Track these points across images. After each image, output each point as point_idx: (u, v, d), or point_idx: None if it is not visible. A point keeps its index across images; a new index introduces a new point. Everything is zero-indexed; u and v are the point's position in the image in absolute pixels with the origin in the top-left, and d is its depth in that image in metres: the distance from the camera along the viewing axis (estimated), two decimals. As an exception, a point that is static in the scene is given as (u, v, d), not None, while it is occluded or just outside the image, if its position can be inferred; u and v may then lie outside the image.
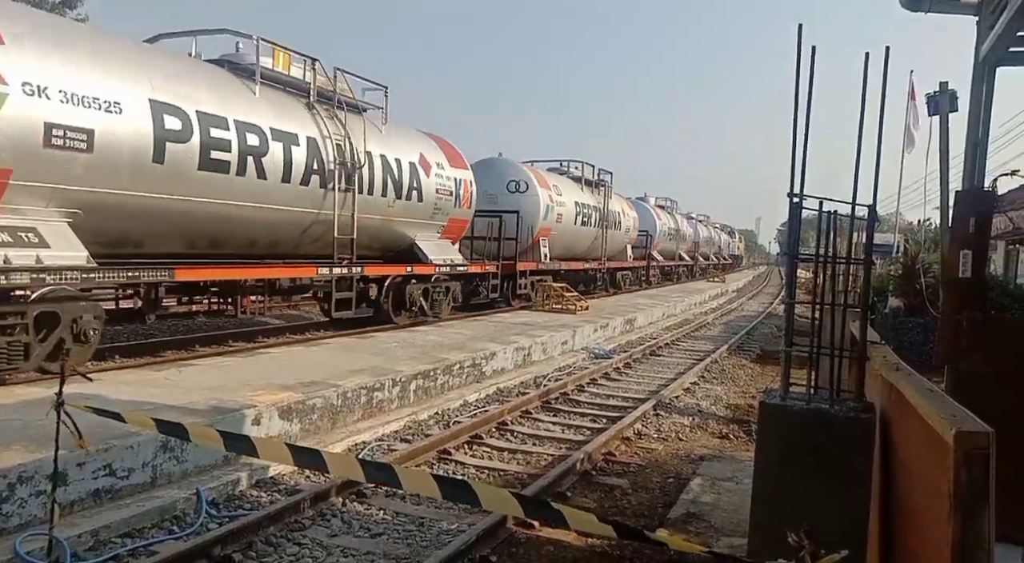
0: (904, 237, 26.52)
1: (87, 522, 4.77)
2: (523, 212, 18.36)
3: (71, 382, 6.75)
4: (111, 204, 8.09)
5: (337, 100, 11.74)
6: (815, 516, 2.91)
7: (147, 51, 9.29)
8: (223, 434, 3.08)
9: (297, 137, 10.57)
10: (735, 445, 8.34)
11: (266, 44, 10.59)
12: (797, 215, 3.65)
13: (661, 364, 13.75)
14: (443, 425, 8.28)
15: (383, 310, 13.24)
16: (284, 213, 10.52)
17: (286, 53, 10.92)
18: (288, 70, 11.00)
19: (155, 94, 8.47)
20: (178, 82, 8.93)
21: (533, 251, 19.08)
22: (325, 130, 11.24)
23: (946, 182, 6.99)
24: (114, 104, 7.95)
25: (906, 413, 2.68)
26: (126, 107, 8.08)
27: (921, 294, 13.31)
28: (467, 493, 2.55)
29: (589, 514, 2.31)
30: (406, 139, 13.80)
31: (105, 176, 7.92)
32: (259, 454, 3.00)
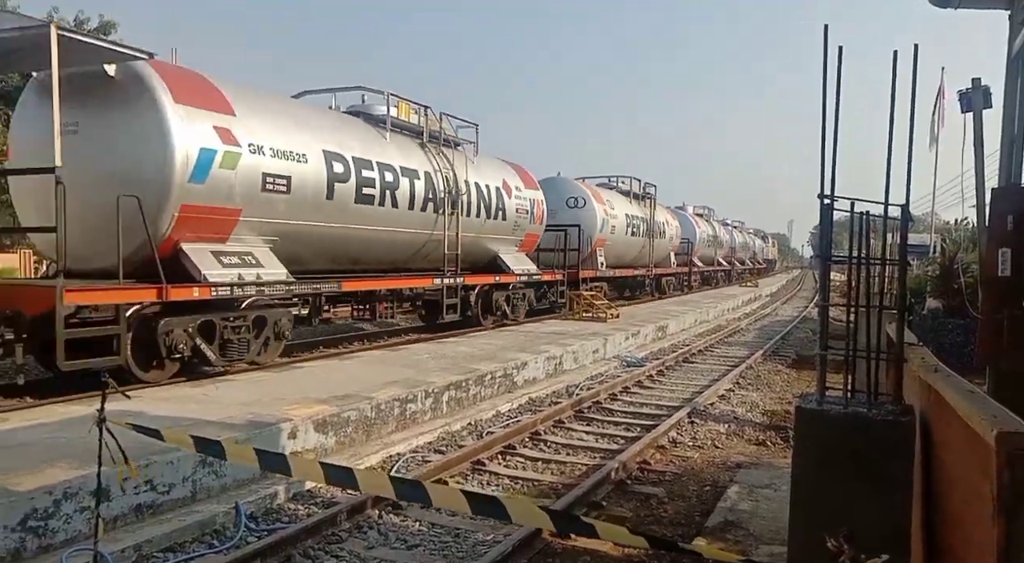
0: (941, 237, 26.01)
1: (130, 537, 4.86)
2: (583, 225, 20.35)
3: (112, 399, 6.89)
4: (298, 233, 10.47)
5: (443, 139, 14.25)
6: (855, 521, 2.87)
7: (315, 111, 11.97)
8: (259, 453, 3.12)
9: (417, 172, 13.03)
10: (772, 452, 8.23)
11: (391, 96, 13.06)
12: (828, 217, 3.61)
13: (695, 371, 13.63)
14: (476, 436, 8.29)
15: (474, 314, 15.26)
16: (409, 234, 12.98)
17: (406, 102, 13.38)
18: (408, 117, 13.42)
19: (326, 145, 10.91)
20: (339, 134, 11.47)
21: (591, 260, 21.16)
22: (436, 165, 13.69)
23: (982, 180, 6.87)
24: (302, 155, 10.34)
25: (946, 415, 2.63)
26: (309, 157, 10.50)
27: (960, 294, 13.04)
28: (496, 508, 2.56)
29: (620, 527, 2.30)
30: (491, 167, 16.24)
31: (296, 211, 10.30)
32: (292, 473, 3.04)
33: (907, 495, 3.07)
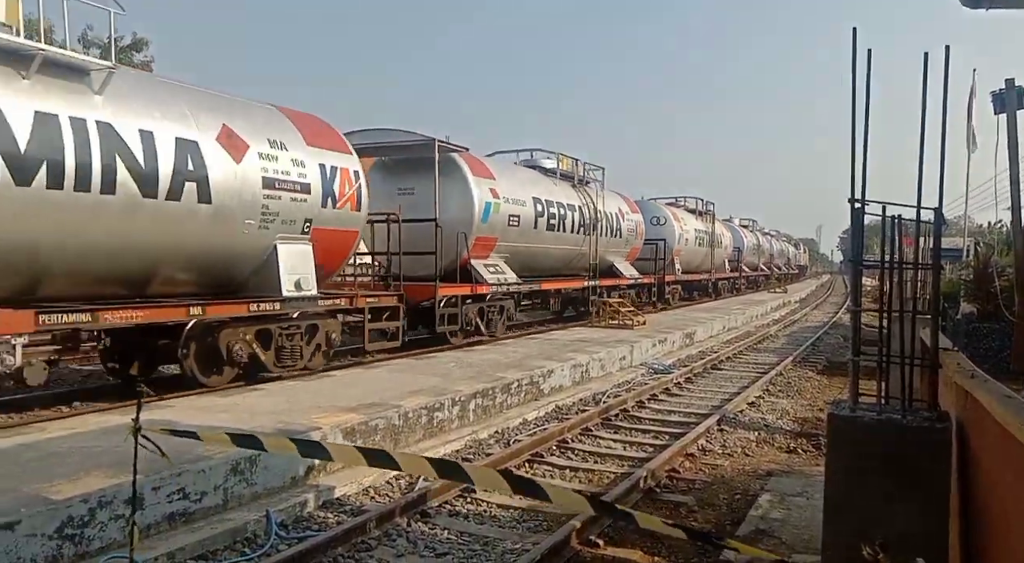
0: (974, 240, 25.54)
1: (163, 545, 4.92)
2: (666, 240, 25.89)
3: (144, 408, 6.99)
4: (519, 251, 16.19)
5: (586, 181, 20.10)
6: (890, 530, 2.82)
7: (522, 168, 18.08)
8: (296, 441, 3.15)
9: (574, 206, 18.62)
10: (804, 460, 8.11)
11: (553, 153, 19.30)
12: (860, 221, 3.57)
13: (723, 378, 13.50)
14: (503, 444, 8.28)
15: (597, 308, 19.43)
16: (568, 250, 18.60)
17: (565, 156, 19.35)
18: (566, 166, 19.27)
19: (534, 193, 16.76)
20: (534, 185, 17.21)
21: (671, 267, 26.56)
22: (582, 200, 19.17)
23: (1017, 181, 6.74)
24: (522, 201, 16.09)
25: (984, 421, 2.57)
26: (525, 202, 16.24)
27: (995, 298, 12.78)
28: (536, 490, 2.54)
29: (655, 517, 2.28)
30: (612, 198, 21.75)
31: (519, 237, 15.97)
32: (333, 457, 3.06)
33: (944, 502, 3.01)
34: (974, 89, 17.30)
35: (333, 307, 10.70)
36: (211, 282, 9.39)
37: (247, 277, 9.63)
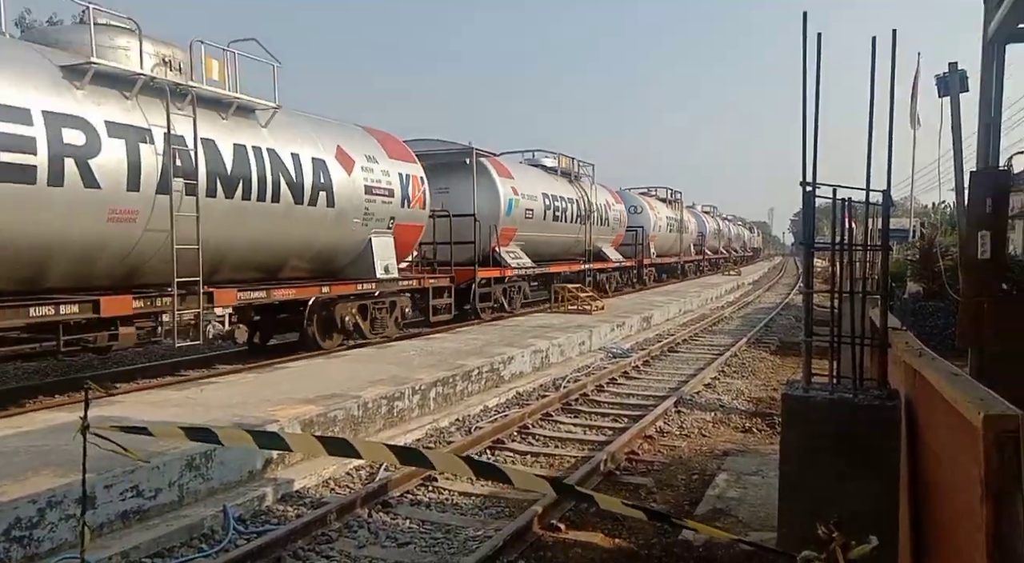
0: (920, 221, 26.24)
1: (117, 544, 4.80)
2: (643, 227, 28.86)
3: (94, 405, 6.81)
4: (533, 239, 18.82)
5: (580, 176, 22.81)
6: (843, 506, 2.88)
7: (530, 167, 20.45)
8: (252, 432, 3.08)
9: (572, 199, 21.26)
10: (759, 439, 8.28)
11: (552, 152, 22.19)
12: (810, 204, 3.62)
13: (680, 360, 13.69)
14: (464, 431, 8.28)
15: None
16: (568, 238, 21.26)
17: (562, 156, 22.32)
18: (564, 164, 22.09)
19: (542, 189, 19.34)
20: (541, 181, 19.78)
21: (647, 251, 29.41)
22: (578, 194, 21.84)
23: (960, 163, 6.92)
24: (534, 197, 18.68)
25: (932, 399, 2.64)
26: (537, 198, 18.87)
27: (940, 278, 13.18)
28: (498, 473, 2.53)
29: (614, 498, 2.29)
30: (602, 191, 24.58)
31: (532, 227, 18.58)
32: (291, 448, 3.00)
33: (894, 478, 3.10)
34: (918, 72, 17.74)
35: (407, 287, 13.56)
36: (321, 268, 12.03)
37: (347, 264, 12.40)
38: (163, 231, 8.59)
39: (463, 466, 2.64)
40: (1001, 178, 5.89)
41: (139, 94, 8.55)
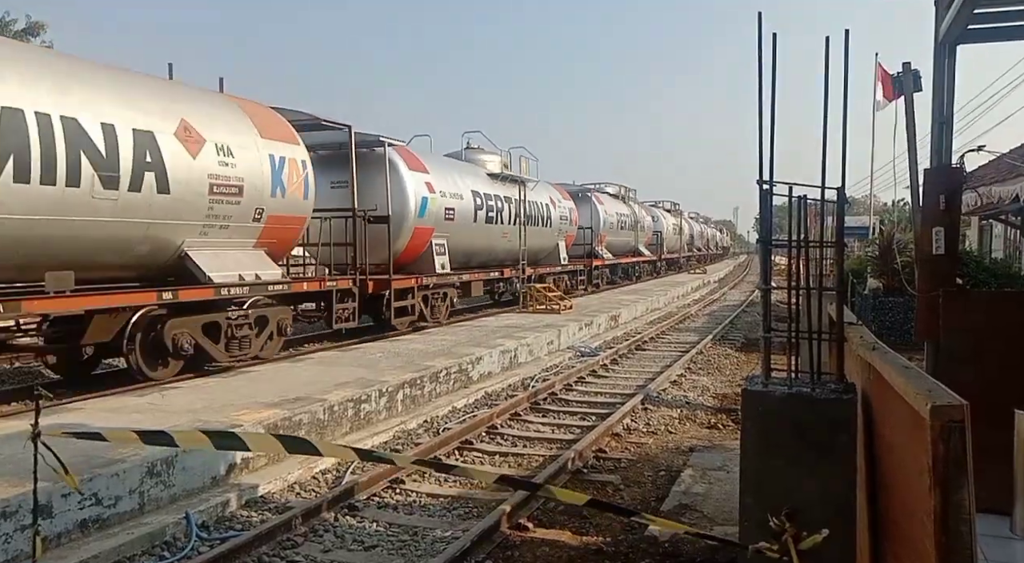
0: (879, 218, 26.76)
1: (75, 554, 4.70)
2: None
3: (52, 412, 6.66)
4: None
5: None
6: (802, 498, 2.93)
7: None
8: (209, 433, 3.03)
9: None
10: (724, 434, 8.38)
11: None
12: (768, 201, 3.67)
13: (647, 358, 13.80)
14: (432, 433, 8.25)
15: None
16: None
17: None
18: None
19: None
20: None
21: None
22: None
23: (914, 161, 7.06)
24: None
25: (885, 391, 2.70)
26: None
27: (898, 274, 13.45)
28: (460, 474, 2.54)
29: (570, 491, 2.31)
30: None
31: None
32: (249, 447, 2.96)
33: (851, 470, 3.15)
34: (877, 71, 18.11)
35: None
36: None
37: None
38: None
39: (427, 465, 2.64)
40: (954, 175, 6.02)
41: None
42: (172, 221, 8.97)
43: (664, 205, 45.71)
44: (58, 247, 7.81)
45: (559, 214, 22.93)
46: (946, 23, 5.62)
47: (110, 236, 8.31)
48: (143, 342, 8.84)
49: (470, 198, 17.02)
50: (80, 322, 8.62)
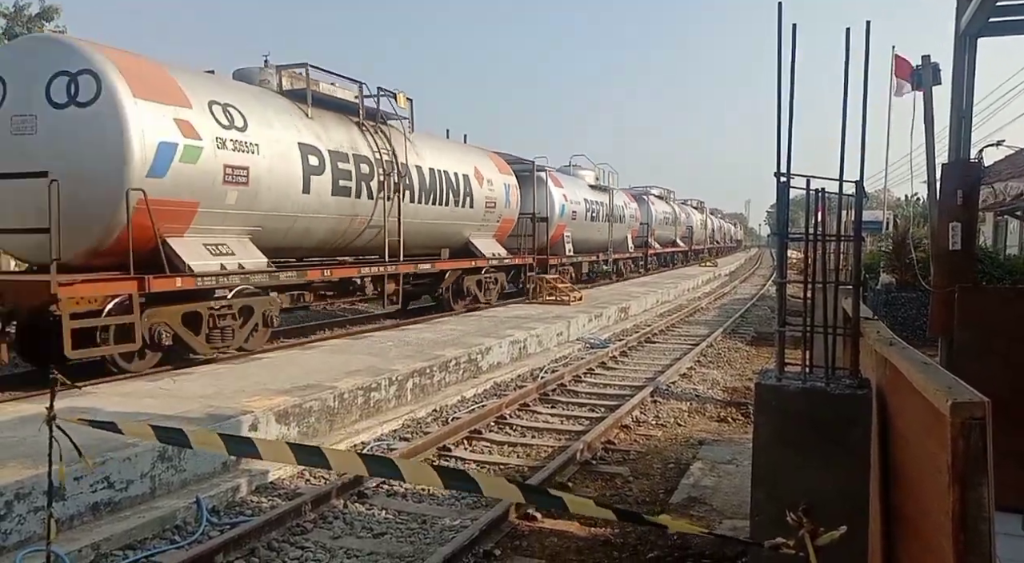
0: (893, 213, 26.55)
1: (87, 536, 4.74)
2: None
3: (65, 396, 6.70)
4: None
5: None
6: (815, 494, 2.91)
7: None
8: (224, 437, 3.05)
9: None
10: (734, 428, 8.36)
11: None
12: (784, 194, 3.64)
13: (657, 351, 13.77)
14: (442, 422, 8.27)
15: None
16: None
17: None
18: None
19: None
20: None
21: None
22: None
23: (932, 156, 6.99)
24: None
25: (902, 387, 2.67)
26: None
27: (912, 269, 13.35)
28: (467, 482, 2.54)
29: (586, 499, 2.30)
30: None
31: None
32: (262, 456, 2.98)
33: (865, 467, 3.13)
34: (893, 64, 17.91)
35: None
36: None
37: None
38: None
39: (433, 475, 2.63)
40: (972, 170, 5.96)
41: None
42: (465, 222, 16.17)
43: (692, 203, 51.14)
44: (439, 235, 15.31)
45: (629, 213, 29.44)
46: (967, 16, 5.55)
47: (450, 231, 15.64)
48: (455, 291, 16.08)
49: (582, 203, 23.65)
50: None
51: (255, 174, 10.00)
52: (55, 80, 8.39)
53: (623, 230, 28.79)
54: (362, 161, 12.36)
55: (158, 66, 9.39)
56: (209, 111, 9.51)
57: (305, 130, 11.23)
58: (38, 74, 8.46)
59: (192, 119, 9.15)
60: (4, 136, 8.49)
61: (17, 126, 8.46)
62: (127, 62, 8.75)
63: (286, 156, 10.62)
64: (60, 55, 8.52)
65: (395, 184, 13.11)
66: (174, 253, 8.99)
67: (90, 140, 8.28)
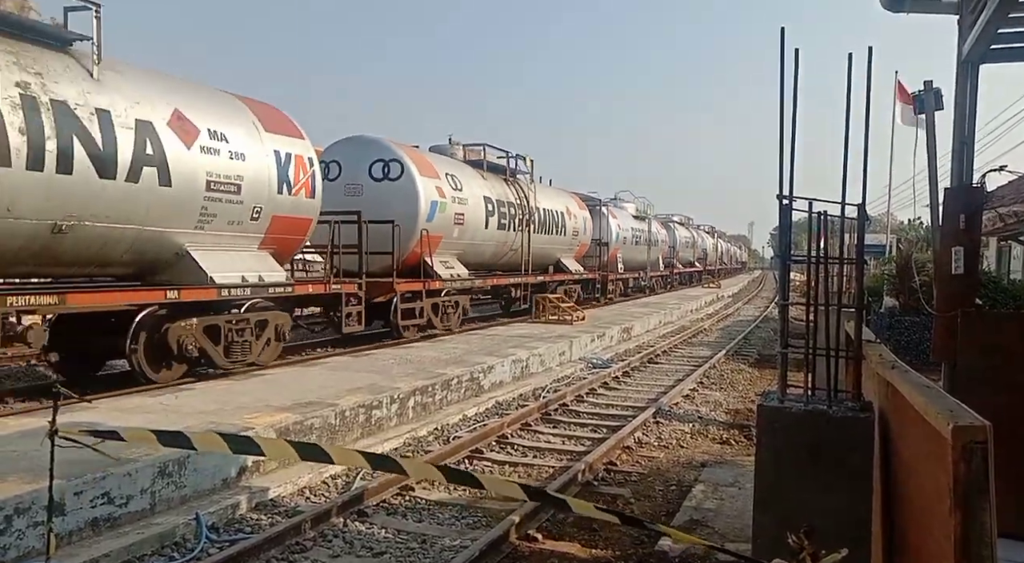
0: (896, 237, 26.56)
1: (86, 551, 4.73)
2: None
3: (67, 411, 6.71)
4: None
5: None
6: (817, 516, 2.90)
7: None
8: (226, 437, 3.04)
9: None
10: (736, 450, 8.32)
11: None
12: (787, 216, 3.66)
13: (659, 371, 13.73)
14: (443, 441, 8.24)
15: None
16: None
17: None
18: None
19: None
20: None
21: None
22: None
23: (935, 180, 7.02)
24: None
25: (904, 410, 2.67)
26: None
27: (915, 293, 13.34)
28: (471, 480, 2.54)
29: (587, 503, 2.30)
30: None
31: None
32: (265, 453, 2.99)
33: (867, 489, 3.12)
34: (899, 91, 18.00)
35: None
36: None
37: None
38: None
39: (435, 472, 2.64)
40: (974, 195, 5.98)
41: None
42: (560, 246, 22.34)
43: (704, 228, 55.53)
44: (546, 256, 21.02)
45: (660, 238, 34.77)
46: (969, 42, 5.60)
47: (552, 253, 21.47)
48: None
49: (629, 231, 29.19)
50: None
51: (466, 218, 16.01)
52: (374, 164, 14.47)
53: (656, 252, 34.73)
54: (511, 206, 18.42)
55: (424, 155, 15.63)
56: (446, 180, 15.45)
57: (484, 186, 17.34)
58: (363, 160, 14.53)
59: (442, 186, 15.13)
60: (340, 197, 13.90)
61: (349, 191, 14.30)
62: (413, 154, 14.98)
63: (477, 205, 16.55)
64: (377, 149, 14.63)
65: (526, 220, 19.18)
66: (430, 266, 14.51)
67: (400, 201, 14.11)
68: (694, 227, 49.25)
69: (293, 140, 10.84)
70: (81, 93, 7.84)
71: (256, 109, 10.56)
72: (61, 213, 7.62)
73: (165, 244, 8.98)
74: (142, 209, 8.43)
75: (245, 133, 9.94)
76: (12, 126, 7.06)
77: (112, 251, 8.49)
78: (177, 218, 8.92)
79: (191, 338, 9.11)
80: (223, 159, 9.41)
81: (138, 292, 8.80)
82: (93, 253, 8.34)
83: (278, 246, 10.69)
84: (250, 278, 9.89)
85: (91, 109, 7.87)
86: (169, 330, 8.87)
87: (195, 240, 9.27)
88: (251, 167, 9.87)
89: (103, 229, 8.14)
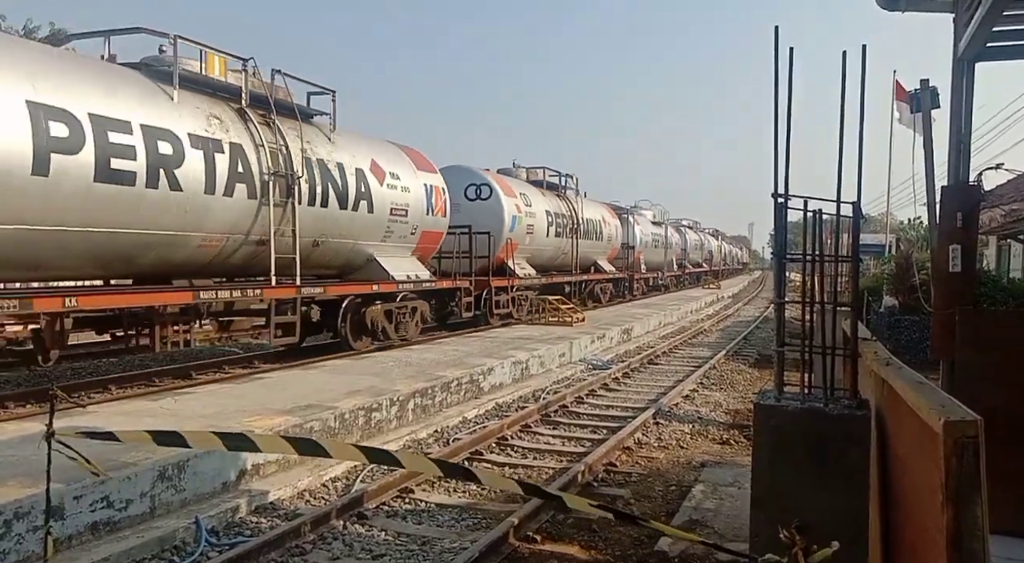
0: (896, 236, 26.58)
1: (85, 556, 4.73)
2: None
3: (66, 415, 6.72)
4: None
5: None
6: (815, 514, 2.90)
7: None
8: (220, 434, 3.05)
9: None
10: (736, 450, 8.32)
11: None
12: (782, 215, 3.66)
13: (659, 372, 13.73)
14: (442, 443, 8.25)
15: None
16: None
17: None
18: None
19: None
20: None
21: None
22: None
23: (932, 179, 7.02)
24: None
25: (898, 407, 2.68)
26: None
27: (914, 291, 13.34)
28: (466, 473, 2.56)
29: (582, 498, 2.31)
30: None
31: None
32: (260, 448, 2.98)
33: (863, 486, 3.13)
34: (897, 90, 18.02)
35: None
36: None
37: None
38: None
39: (431, 465, 2.65)
40: (971, 193, 5.98)
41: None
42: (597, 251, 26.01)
43: (710, 230, 59.12)
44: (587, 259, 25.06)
45: (674, 241, 38.36)
46: (964, 40, 5.61)
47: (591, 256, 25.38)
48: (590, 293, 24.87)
49: (650, 235, 32.83)
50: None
51: (534, 228, 19.76)
52: (469, 187, 18.24)
53: (671, 254, 38.33)
54: (563, 217, 22.00)
55: (504, 178, 19.50)
56: (520, 198, 19.24)
57: (544, 201, 20.95)
58: (460, 184, 17.82)
59: (518, 203, 18.97)
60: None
61: (452, 208, 15.77)
62: (498, 178, 18.94)
63: (541, 217, 20.20)
64: (470, 175, 18.50)
65: (575, 229, 22.60)
66: (510, 267, 18.50)
67: (491, 217, 17.85)
68: (701, 230, 54.10)
69: (433, 175, 15.05)
70: (328, 152, 11.81)
71: (410, 154, 14.61)
72: (319, 233, 11.47)
73: (361, 253, 12.86)
74: (357, 229, 12.36)
75: (408, 172, 13.95)
76: (303, 178, 10.89)
77: (337, 259, 12.44)
78: (372, 235, 12.83)
79: (380, 318, 12.87)
80: (399, 192, 13.44)
81: (360, 285, 12.64)
82: (326, 260, 12.24)
83: (422, 253, 14.74)
84: (411, 276, 13.79)
85: (335, 163, 11.83)
86: (365, 312, 12.54)
87: (379, 250, 13.18)
88: (412, 197, 13.82)
89: (336, 243, 12.04)
